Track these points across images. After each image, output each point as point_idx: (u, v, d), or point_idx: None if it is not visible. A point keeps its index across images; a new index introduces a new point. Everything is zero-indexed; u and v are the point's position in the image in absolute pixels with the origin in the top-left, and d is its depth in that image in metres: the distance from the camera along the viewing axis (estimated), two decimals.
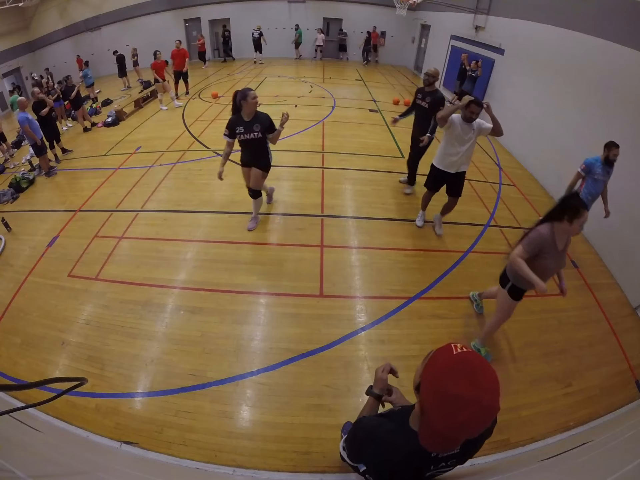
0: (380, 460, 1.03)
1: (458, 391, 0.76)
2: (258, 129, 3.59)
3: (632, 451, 1.40)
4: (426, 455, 0.96)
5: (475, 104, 3.25)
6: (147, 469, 2.02)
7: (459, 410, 0.76)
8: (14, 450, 1.07)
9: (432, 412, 0.83)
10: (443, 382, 0.79)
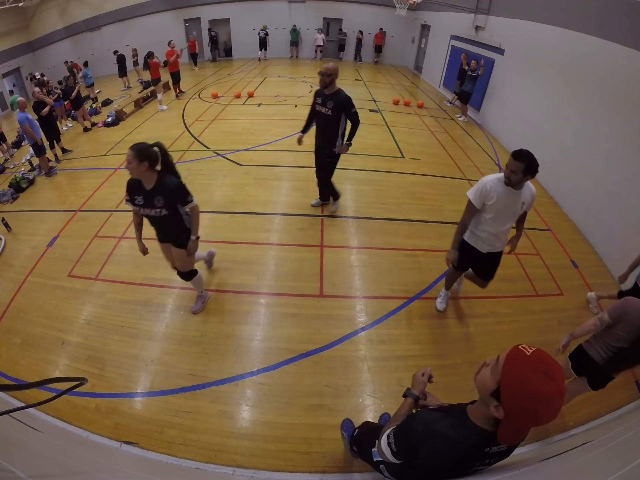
0: (435, 454, 1.04)
1: (546, 390, 0.82)
2: (161, 204, 2.51)
3: (632, 451, 1.40)
4: (481, 450, 1.01)
5: (515, 159, 2.15)
6: (147, 469, 2.02)
7: (547, 405, 0.83)
8: (14, 450, 1.07)
9: (521, 413, 0.87)
10: (530, 384, 0.84)
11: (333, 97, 3.70)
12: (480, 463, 1.07)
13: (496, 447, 1.02)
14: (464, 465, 1.07)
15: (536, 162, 2.14)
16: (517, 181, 2.20)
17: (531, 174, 2.16)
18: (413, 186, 5.36)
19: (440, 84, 11.11)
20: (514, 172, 2.15)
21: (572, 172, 5.06)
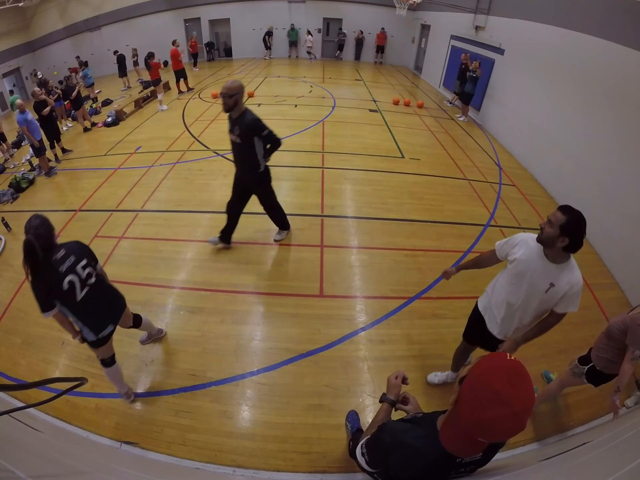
0: (405, 466, 1.02)
1: (498, 388, 0.79)
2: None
3: (632, 451, 1.40)
4: (452, 461, 0.98)
5: (559, 209, 1.76)
6: (147, 469, 2.02)
7: (490, 406, 0.79)
8: (14, 450, 1.07)
9: (465, 403, 0.85)
10: (488, 376, 0.83)
11: (239, 121, 3.17)
12: (455, 472, 1.04)
13: (469, 458, 1.00)
14: (438, 476, 1.04)
15: (581, 227, 1.71)
16: (549, 238, 1.71)
17: (570, 236, 1.68)
18: (413, 186, 5.36)
19: (440, 84, 11.11)
20: (550, 223, 1.72)
21: (572, 172, 5.06)
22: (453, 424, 0.93)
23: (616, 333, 2.07)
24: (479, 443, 0.88)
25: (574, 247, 1.73)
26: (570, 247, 1.72)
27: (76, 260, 2.03)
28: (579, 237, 1.71)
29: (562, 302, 1.80)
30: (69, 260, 2.00)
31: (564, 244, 1.69)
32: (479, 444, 0.89)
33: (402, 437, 1.04)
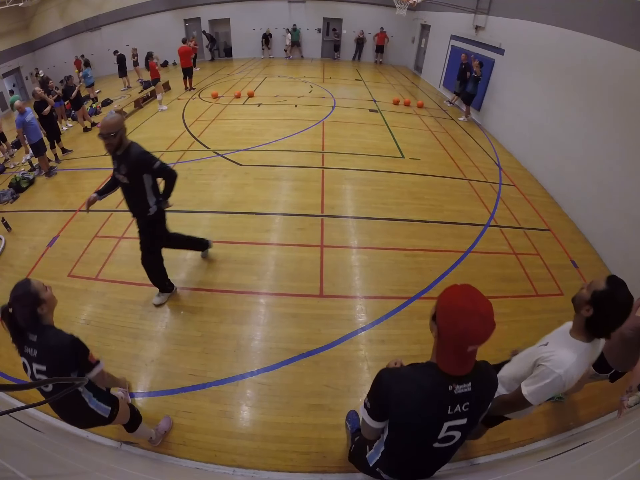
0: (404, 397, 1.13)
1: (462, 304, 1.02)
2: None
3: (632, 451, 1.40)
4: (445, 389, 1.10)
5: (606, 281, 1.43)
6: (147, 469, 2.02)
7: (463, 318, 1.00)
8: (14, 450, 1.07)
9: (444, 327, 1.05)
10: (450, 300, 1.06)
11: (125, 158, 2.67)
12: (452, 409, 1.12)
13: (459, 386, 1.10)
14: (435, 408, 1.12)
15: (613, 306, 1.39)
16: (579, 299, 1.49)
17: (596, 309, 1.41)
18: (413, 186, 5.36)
19: (440, 84, 11.11)
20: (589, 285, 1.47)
21: (572, 172, 5.07)
22: (443, 348, 1.09)
23: (630, 335, 2.11)
24: (467, 356, 1.06)
25: (596, 326, 1.43)
26: (593, 324, 1.43)
27: (36, 359, 1.61)
28: (607, 316, 1.39)
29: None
30: (33, 351, 1.61)
31: (587, 315, 1.43)
32: (468, 356, 1.06)
33: (400, 371, 1.20)
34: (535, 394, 1.49)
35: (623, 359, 2.24)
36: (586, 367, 1.52)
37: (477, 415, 1.20)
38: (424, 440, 1.21)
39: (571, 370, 1.43)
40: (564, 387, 1.44)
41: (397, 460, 1.38)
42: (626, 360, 2.23)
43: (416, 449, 1.27)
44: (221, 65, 14.08)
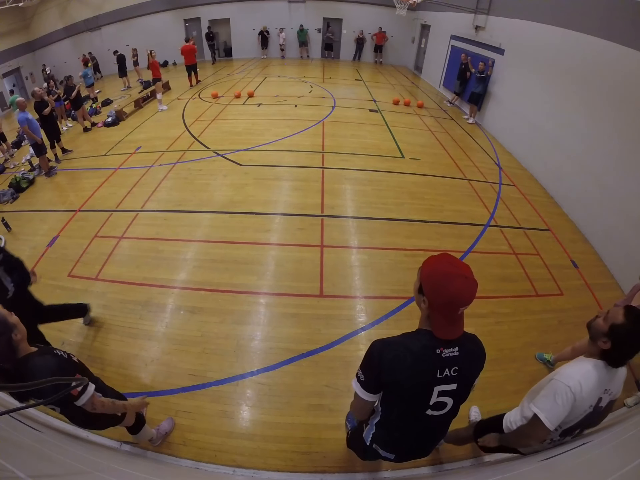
0: (395, 362, 1.16)
1: (445, 270, 1.07)
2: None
3: (632, 451, 1.40)
4: (433, 352, 1.14)
5: (625, 313, 1.40)
6: (147, 469, 2.02)
7: (449, 283, 1.04)
8: (14, 450, 1.07)
9: (433, 294, 1.09)
10: (435, 268, 1.10)
11: None
12: (441, 372, 1.16)
13: (447, 350, 1.15)
14: (424, 371, 1.16)
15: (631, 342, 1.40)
16: (596, 331, 1.48)
17: (613, 343, 1.40)
18: (413, 186, 5.36)
19: (440, 84, 11.10)
20: (606, 316, 1.47)
21: (572, 172, 5.07)
22: (435, 316, 1.13)
23: None
24: (458, 318, 1.12)
25: (612, 358, 1.43)
26: (610, 355, 1.42)
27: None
28: (624, 350, 1.41)
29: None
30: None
31: (605, 347, 1.41)
32: (458, 319, 1.13)
33: (390, 340, 1.22)
34: (547, 410, 1.43)
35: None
36: (603, 387, 1.46)
37: (466, 381, 1.24)
38: (417, 405, 1.24)
39: (583, 380, 1.41)
40: (575, 401, 1.40)
41: (393, 432, 1.40)
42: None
43: (410, 416, 1.30)
44: (221, 65, 14.07)
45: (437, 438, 1.48)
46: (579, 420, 1.49)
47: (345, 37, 15.22)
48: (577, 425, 1.53)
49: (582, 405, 1.43)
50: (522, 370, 2.88)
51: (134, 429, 2.07)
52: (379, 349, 1.19)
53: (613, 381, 1.48)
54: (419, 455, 1.54)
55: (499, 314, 3.36)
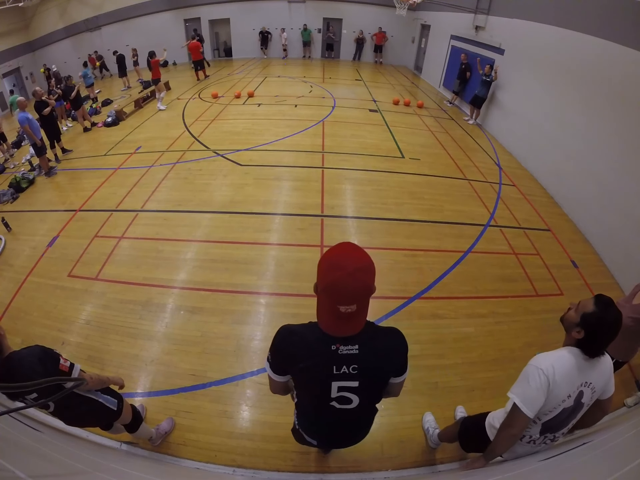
0: (290, 348, 1.16)
1: (333, 259, 1.01)
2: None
3: (632, 451, 1.40)
4: (329, 346, 1.10)
5: (595, 302, 1.40)
6: (147, 469, 2.02)
7: (331, 271, 0.98)
8: (14, 450, 1.07)
9: (317, 282, 1.03)
10: (327, 254, 1.03)
11: None
12: (338, 369, 1.12)
13: (344, 347, 1.10)
14: (319, 365, 1.13)
15: (602, 328, 1.37)
16: (568, 322, 1.49)
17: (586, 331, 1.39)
18: (413, 186, 5.36)
19: (440, 84, 11.10)
20: (577, 306, 1.47)
21: (572, 172, 5.07)
22: (319, 306, 1.07)
23: (630, 323, 2.14)
24: (345, 317, 1.01)
25: (588, 347, 1.41)
26: (584, 344, 1.41)
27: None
28: (598, 338, 1.39)
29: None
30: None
31: (578, 337, 1.41)
32: (345, 318, 1.02)
33: (291, 328, 1.19)
34: (521, 394, 1.42)
35: (624, 348, 2.27)
36: (583, 376, 1.41)
37: (369, 380, 1.20)
38: (318, 397, 1.24)
39: (556, 363, 1.39)
40: (549, 384, 1.38)
41: (307, 417, 1.43)
42: (627, 349, 2.26)
43: (316, 406, 1.30)
44: (221, 65, 14.07)
45: (354, 430, 1.46)
46: (559, 412, 1.44)
47: (345, 37, 15.22)
48: (557, 422, 1.48)
49: (559, 392, 1.39)
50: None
51: (131, 427, 2.06)
52: (281, 336, 1.19)
53: (594, 373, 1.43)
54: (339, 445, 1.55)
55: (498, 314, 3.36)
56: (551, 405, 1.42)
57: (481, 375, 2.81)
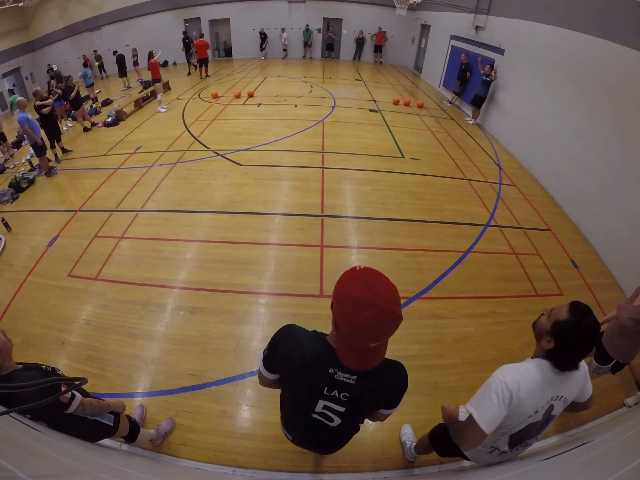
0: (287, 355, 1.12)
1: (357, 295, 0.87)
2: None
3: (632, 451, 1.40)
4: (325, 368, 1.06)
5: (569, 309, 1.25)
6: (147, 469, 2.02)
7: (358, 311, 0.86)
8: (14, 450, 1.07)
9: (339, 318, 0.92)
10: (346, 289, 0.90)
11: None
12: (329, 391, 1.10)
13: (342, 372, 1.05)
14: (310, 381, 1.11)
15: (575, 339, 1.22)
16: (539, 330, 1.38)
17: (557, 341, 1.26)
18: (413, 186, 5.36)
19: (440, 84, 11.10)
20: (550, 313, 1.34)
21: (572, 172, 5.07)
22: (340, 342, 0.98)
23: (630, 324, 2.15)
24: (369, 352, 0.94)
25: (558, 359, 1.27)
26: (554, 356, 1.27)
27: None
28: (570, 349, 1.23)
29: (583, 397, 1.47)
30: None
31: (548, 347, 1.27)
32: (369, 352, 0.94)
33: (296, 332, 1.16)
34: (480, 407, 1.27)
35: (624, 349, 2.27)
36: (552, 391, 1.29)
37: (357, 410, 1.17)
38: (301, 404, 1.23)
39: (521, 378, 1.26)
40: (512, 400, 1.23)
41: (286, 412, 1.42)
42: (627, 350, 2.26)
43: (297, 410, 1.30)
44: (221, 65, 14.07)
45: (331, 443, 1.42)
46: (525, 426, 1.33)
47: (345, 37, 15.21)
48: (526, 434, 1.37)
49: (524, 410, 1.27)
50: None
51: (130, 438, 2.06)
52: (281, 337, 1.16)
53: (566, 386, 1.31)
54: (315, 449, 1.54)
55: (498, 314, 3.36)
56: (516, 420, 1.31)
57: (481, 375, 2.78)
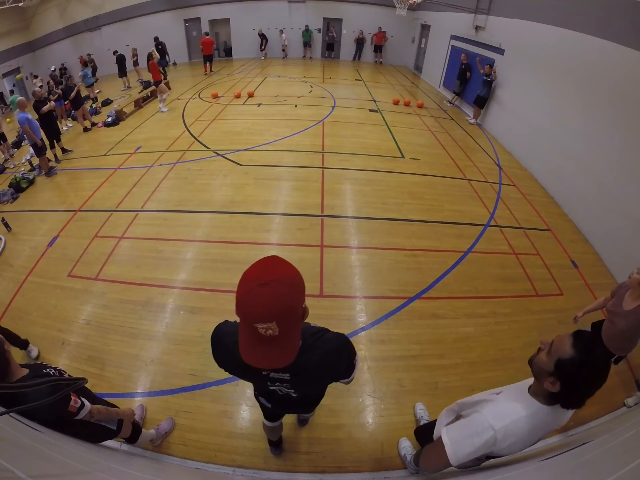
0: (225, 362, 1.17)
1: (249, 275, 0.87)
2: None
3: (632, 451, 1.40)
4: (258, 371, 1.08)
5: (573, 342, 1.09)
6: (147, 468, 2.02)
7: (243, 283, 0.86)
8: (14, 450, 1.07)
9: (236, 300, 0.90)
10: (247, 271, 0.90)
11: None
12: (270, 383, 1.16)
13: (274, 372, 1.08)
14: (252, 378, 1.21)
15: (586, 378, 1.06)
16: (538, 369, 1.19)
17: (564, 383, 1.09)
18: (413, 186, 5.36)
19: (440, 84, 11.10)
20: (549, 349, 1.17)
21: (572, 172, 5.07)
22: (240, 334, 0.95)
23: (633, 332, 2.19)
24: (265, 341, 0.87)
25: (567, 400, 1.11)
26: (561, 398, 1.11)
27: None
28: (581, 389, 1.07)
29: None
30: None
31: (554, 389, 1.09)
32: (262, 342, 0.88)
33: (222, 338, 1.14)
34: (456, 443, 1.17)
35: (625, 345, 2.33)
36: (541, 433, 1.17)
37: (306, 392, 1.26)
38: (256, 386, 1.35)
39: (511, 428, 1.12)
40: (494, 445, 1.11)
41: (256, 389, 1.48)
42: (628, 344, 2.30)
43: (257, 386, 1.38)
44: (221, 65, 14.07)
45: (301, 406, 1.50)
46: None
47: (345, 37, 15.21)
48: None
49: (509, 451, 1.18)
50: (522, 371, 2.86)
51: (131, 439, 2.07)
52: (213, 345, 1.17)
53: (558, 422, 1.20)
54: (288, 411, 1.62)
55: (498, 314, 3.36)
56: (498, 454, 1.21)
57: (481, 375, 2.81)
